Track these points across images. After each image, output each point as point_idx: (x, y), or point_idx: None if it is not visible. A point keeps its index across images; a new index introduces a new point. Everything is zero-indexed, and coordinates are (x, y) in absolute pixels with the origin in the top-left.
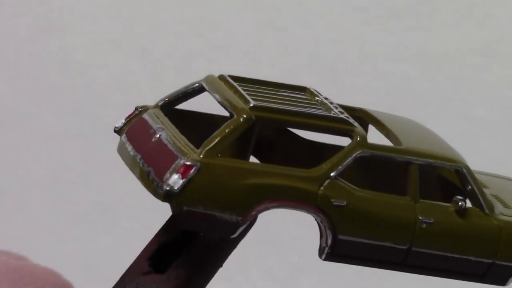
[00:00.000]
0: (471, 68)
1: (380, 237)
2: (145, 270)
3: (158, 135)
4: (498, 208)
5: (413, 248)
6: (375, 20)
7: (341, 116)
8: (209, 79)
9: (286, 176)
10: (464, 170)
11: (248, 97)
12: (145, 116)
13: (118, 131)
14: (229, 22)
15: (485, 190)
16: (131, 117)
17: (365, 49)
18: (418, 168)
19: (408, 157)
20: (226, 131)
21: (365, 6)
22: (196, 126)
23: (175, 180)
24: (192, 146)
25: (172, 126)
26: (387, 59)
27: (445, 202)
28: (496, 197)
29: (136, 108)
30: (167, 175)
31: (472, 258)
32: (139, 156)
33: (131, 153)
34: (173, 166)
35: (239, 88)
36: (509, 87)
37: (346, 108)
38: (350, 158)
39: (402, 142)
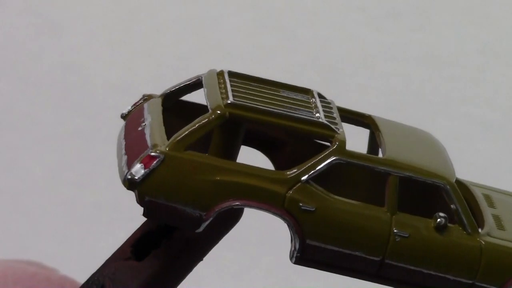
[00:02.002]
0: (471, 68)
1: (350, 246)
2: (126, 256)
3: (143, 124)
4: (488, 229)
5: (386, 261)
6: (376, 20)
7: (323, 121)
8: (208, 73)
9: (254, 176)
10: (448, 187)
11: (229, 94)
12: (145, 104)
13: (124, 117)
14: (229, 22)
15: (490, 209)
16: (137, 104)
17: (365, 49)
18: (397, 180)
19: (386, 168)
20: (196, 125)
21: (365, 6)
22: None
23: (137, 170)
24: (165, 138)
25: (160, 116)
26: (387, 59)
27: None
28: (496, 217)
29: (143, 96)
30: (133, 164)
31: (450, 277)
32: (124, 143)
33: (120, 140)
34: (141, 155)
35: (228, 85)
36: (509, 87)
37: (356, 114)
38: (324, 164)
39: (387, 153)
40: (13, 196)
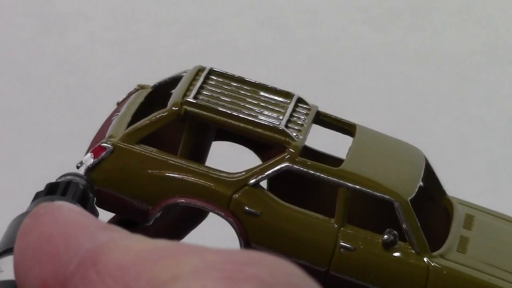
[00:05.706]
0: (471, 68)
1: (294, 254)
2: None
3: (116, 114)
4: (444, 250)
5: (331, 272)
6: (375, 20)
7: (279, 126)
8: (192, 69)
9: (202, 175)
10: (398, 204)
11: (193, 92)
12: (132, 96)
13: (119, 105)
14: (229, 22)
15: (462, 230)
16: (131, 93)
17: (365, 49)
18: (348, 192)
19: (336, 179)
20: (150, 120)
21: (365, 6)
22: None
23: (87, 158)
24: (124, 130)
25: (134, 108)
26: (387, 59)
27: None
28: (464, 239)
29: (137, 86)
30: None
31: None
32: (98, 131)
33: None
34: (95, 146)
35: (199, 82)
36: (509, 87)
37: (340, 122)
38: (273, 170)
39: (343, 163)
40: (13, 196)
